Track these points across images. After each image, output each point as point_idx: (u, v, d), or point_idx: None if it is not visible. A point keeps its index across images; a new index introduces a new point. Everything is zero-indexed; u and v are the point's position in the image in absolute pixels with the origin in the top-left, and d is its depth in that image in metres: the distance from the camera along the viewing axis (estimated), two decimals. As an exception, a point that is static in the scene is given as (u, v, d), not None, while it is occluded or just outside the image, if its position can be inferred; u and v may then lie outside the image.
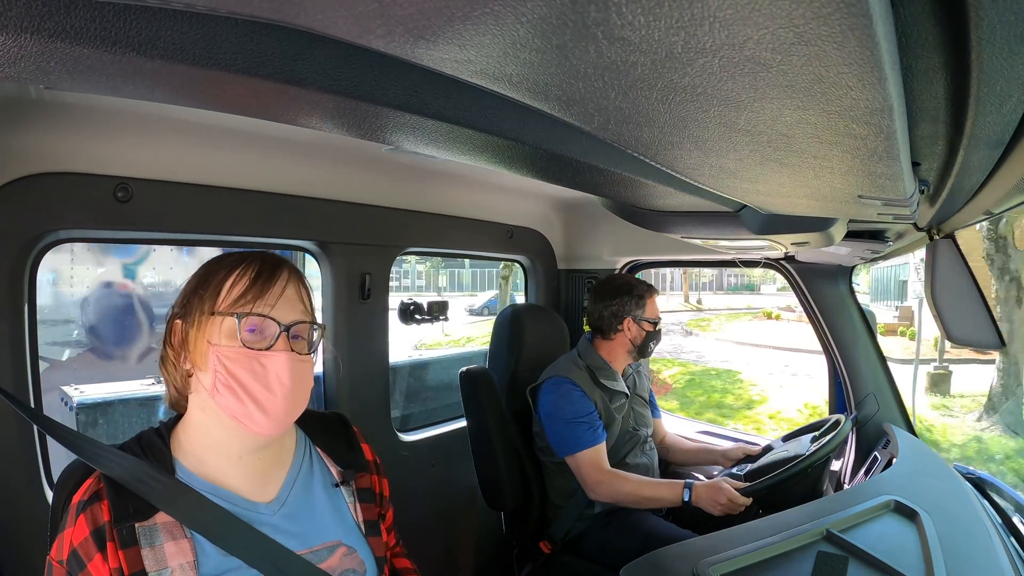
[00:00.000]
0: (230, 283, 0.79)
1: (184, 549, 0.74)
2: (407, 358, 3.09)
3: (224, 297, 0.78)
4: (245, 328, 0.77)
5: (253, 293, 0.78)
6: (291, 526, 0.83)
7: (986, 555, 1.02)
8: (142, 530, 0.73)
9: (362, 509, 0.91)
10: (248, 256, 0.82)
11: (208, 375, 0.78)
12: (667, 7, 0.26)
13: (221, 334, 0.78)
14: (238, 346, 0.77)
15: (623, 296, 1.89)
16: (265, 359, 0.78)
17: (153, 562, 0.72)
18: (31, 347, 1.13)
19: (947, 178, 0.69)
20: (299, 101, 0.43)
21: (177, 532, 0.75)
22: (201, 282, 0.80)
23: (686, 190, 0.77)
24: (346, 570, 0.85)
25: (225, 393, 0.77)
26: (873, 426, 1.83)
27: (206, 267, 0.82)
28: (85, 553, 0.71)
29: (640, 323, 1.87)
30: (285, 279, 0.81)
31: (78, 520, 0.73)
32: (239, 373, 0.77)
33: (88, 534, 0.72)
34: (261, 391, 0.77)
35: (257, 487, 0.84)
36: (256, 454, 0.83)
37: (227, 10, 0.32)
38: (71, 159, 1.13)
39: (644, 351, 1.90)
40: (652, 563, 0.96)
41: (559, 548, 1.80)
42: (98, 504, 0.73)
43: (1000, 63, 0.35)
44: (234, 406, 0.77)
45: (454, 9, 0.28)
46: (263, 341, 0.78)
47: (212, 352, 0.77)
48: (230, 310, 0.78)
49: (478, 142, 0.54)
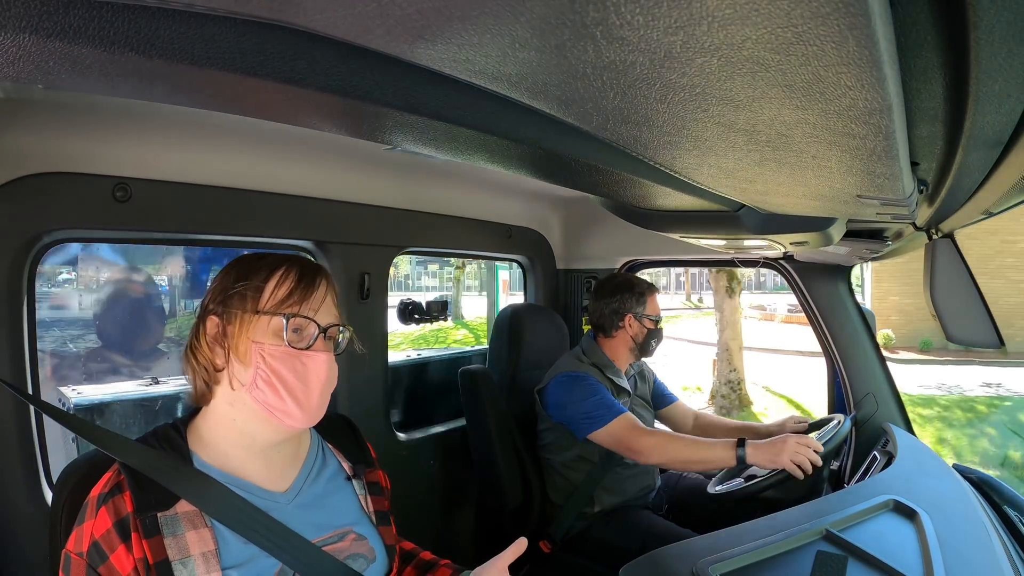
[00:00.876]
0: (273, 284, 0.83)
1: (205, 538, 0.76)
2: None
3: (269, 297, 0.82)
4: (291, 328, 0.81)
5: (298, 295, 0.83)
6: (305, 515, 0.86)
7: (985, 554, 1.02)
8: (164, 519, 0.75)
9: (372, 501, 0.95)
10: (286, 259, 0.87)
11: (248, 370, 0.81)
12: (666, 7, 0.26)
13: (267, 332, 0.82)
14: (283, 345, 0.81)
15: (624, 293, 1.88)
16: (307, 358, 0.82)
17: (176, 551, 0.74)
18: (30, 347, 1.13)
19: (946, 178, 0.69)
20: (298, 101, 0.43)
21: (198, 521, 0.77)
22: (239, 280, 0.84)
23: (685, 190, 0.77)
24: (355, 554, 0.88)
25: (265, 388, 0.81)
26: (872, 426, 1.83)
27: (241, 265, 0.86)
28: (108, 545, 0.73)
29: (641, 320, 1.86)
30: (325, 284, 0.87)
31: (99, 512, 0.74)
32: (281, 370, 0.81)
33: (111, 525, 0.73)
34: (300, 387, 0.82)
35: (274, 478, 0.87)
36: (277, 448, 0.87)
37: (226, 10, 0.32)
38: (70, 159, 1.12)
39: (646, 349, 1.89)
40: (652, 562, 0.96)
41: (559, 547, 1.80)
42: (120, 496, 0.75)
43: (999, 63, 0.35)
44: (272, 401, 0.81)
45: (453, 9, 0.28)
46: (303, 341, 0.83)
47: (255, 349, 0.81)
48: (277, 310, 0.82)
49: (477, 141, 0.54)
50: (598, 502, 1.80)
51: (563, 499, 1.82)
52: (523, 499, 1.87)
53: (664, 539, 1.18)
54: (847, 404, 1.89)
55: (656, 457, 1.61)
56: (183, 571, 0.73)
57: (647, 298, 1.88)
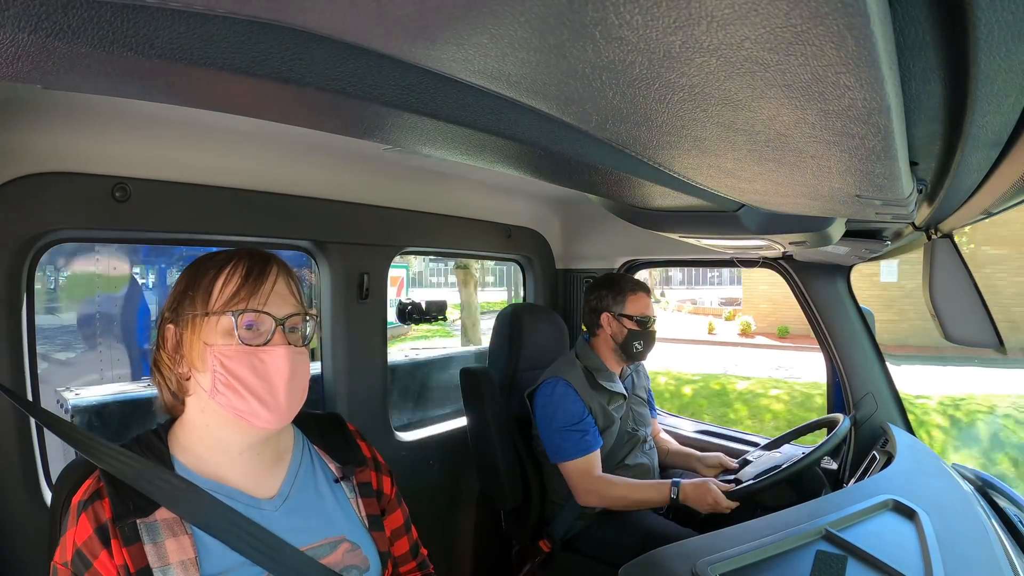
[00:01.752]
0: (221, 282, 0.79)
1: (184, 546, 0.74)
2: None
3: (217, 297, 0.79)
4: (242, 325, 0.77)
5: (246, 290, 0.79)
6: (294, 522, 0.83)
7: (984, 554, 1.02)
8: (144, 526, 0.73)
9: (364, 504, 0.92)
10: (235, 254, 0.83)
11: (207, 376, 0.78)
12: (664, 7, 0.26)
13: (217, 334, 0.78)
14: (236, 344, 0.77)
15: (602, 291, 1.86)
16: (264, 354, 0.78)
17: (156, 558, 0.72)
18: (29, 347, 1.13)
19: (945, 178, 0.69)
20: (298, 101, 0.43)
21: (178, 528, 0.75)
22: (190, 284, 0.80)
23: (684, 190, 0.77)
24: (349, 566, 0.85)
25: (226, 392, 0.77)
26: (871, 425, 1.83)
27: (192, 268, 0.82)
28: (90, 551, 0.71)
29: (619, 319, 1.82)
30: (275, 274, 0.82)
31: (80, 520, 0.73)
32: (239, 371, 0.77)
33: (92, 532, 0.72)
34: (262, 386, 0.78)
35: (258, 484, 0.84)
36: (256, 450, 0.84)
37: (225, 10, 0.32)
38: (69, 159, 1.12)
39: (627, 349, 1.82)
40: (651, 562, 0.96)
41: (559, 547, 1.80)
42: (99, 502, 0.74)
43: (998, 63, 0.35)
44: (237, 403, 0.78)
45: (452, 9, 0.28)
46: (260, 337, 0.79)
47: (209, 353, 0.77)
48: (225, 309, 0.78)
49: (476, 141, 0.54)
50: (598, 501, 1.80)
51: (563, 498, 1.82)
52: (523, 499, 1.87)
53: (664, 538, 1.18)
54: (846, 404, 1.89)
55: (596, 502, 1.71)
56: None
57: (627, 296, 1.83)
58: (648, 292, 1.90)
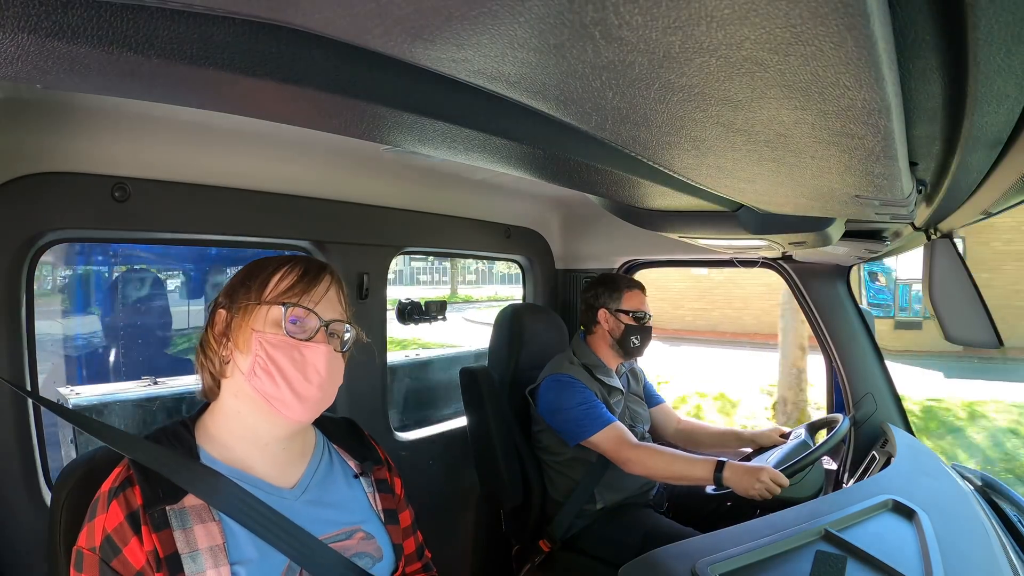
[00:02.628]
0: (278, 277, 0.85)
1: (213, 532, 0.76)
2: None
3: (272, 289, 0.84)
4: (289, 318, 0.82)
5: (300, 288, 0.84)
6: (313, 511, 0.86)
7: (984, 554, 1.02)
8: (173, 513, 0.76)
9: (381, 498, 0.96)
10: (294, 258, 0.89)
11: (248, 358, 0.82)
12: (664, 7, 0.26)
13: (266, 322, 0.83)
14: (281, 334, 0.82)
15: (598, 288, 1.89)
16: (305, 349, 0.83)
17: (185, 544, 0.74)
18: (29, 347, 1.13)
19: (945, 178, 0.69)
20: (297, 101, 0.43)
21: (206, 515, 0.77)
22: (248, 276, 0.86)
23: (684, 190, 0.77)
24: (361, 552, 0.88)
25: (262, 376, 0.81)
26: (871, 426, 1.83)
27: (252, 265, 0.89)
28: (120, 538, 0.73)
29: (616, 315, 1.84)
30: (329, 281, 0.88)
31: (111, 506, 0.75)
32: (279, 358, 0.81)
33: (123, 519, 0.74)
34: (298, 378, 0.82)
35: (281, 474, 0.87)
36: (282, 443, 0.87)
37: (225, 10, 0.32)
38: (68, 159, 1.12)
39: (625, 345, 1.84)
40: (651, 562, 0.96)
41: (559, 546, 1.80)
42: (131, 489, 0.76)
43: (998, 63, 0.35)
44: (270, 389, 0.81)
45: (452, 9, 0.28)
46: (304, 333, 0.83)
47: (255, 337, 0.82)
48: (277, 300, 0.83)
49: (476, 141, 0.54)
50: (599, 499, 1.79)
51: (564, 496, 1.82)
52: (523, 498, 1.87)
53: (665, 537, 1.18)
54: (846, 404, 1.89)
55: (639, 469, 1.65)
56: (192, 565, 0.73)
57: (623, 293, 1.86)
58: (643, 289, 1.91)
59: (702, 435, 2.03)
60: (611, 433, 1.68)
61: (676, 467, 1.61)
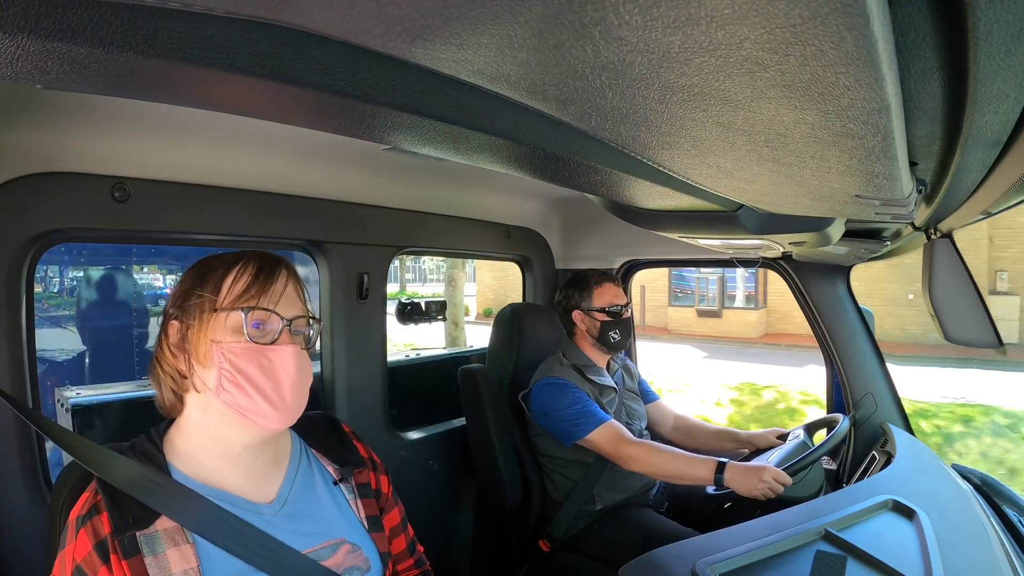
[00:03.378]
0: (231, 280, 0.79)
1: (187, 555, 0.73)
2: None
3: (226, 293, 0.78)
4: (251, 323, 0.77)
5: (256, 288, 0.79)
6: (294, 525, 0.82)
7: (984, 553, 1.02)
8: (143, 539, 0.72)
9: (363, 505, 0.91)
10: (244, 254, 0.83)
11: (212, 372, 0.77)
12: (664, 7, 0.26)
13: (225, 330, 0.78)
14: (244, 341, 0.77)
15: (568, 289, 1.88)
16: (271, 353, 0.78)
17: (157, 570, 0.71)
18: (28, 347, 1.13)
19: (944, 178, 0.69)
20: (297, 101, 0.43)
21: (179, 538, 0.73)
22: (197, 281, 0.80)
23: (684, 190, 0.77)
24: (350, 567, 0.85)
25: (232, 389, 0.77)
26: (871, 426, 1.83)
27: (199, 266, 0.82)
28: (90, 568, 0.70)
29: (590, 314, 1.83)
30: (286, 276, 0.83)
31: (79, 535, 0.71)
32: (246, 368, 0.77)
33: (91, 548, 0.71)
34: (269, 384, 0.78)
35: (257, 488, 0.83)
36: (254, 452, 0.83)
37: (224, 10, 0.32)
38: (68, 159, 1.12)
39: (604, 341, 1.83)
40: (651, 562, 0.96)
41: (559, 546, 1.80)
42: (98, 517, 0.72)
43: (998, 63, 0.35)
44: (242, 401, 0.77)
45: (451, 9, 0.28)
46: (267, 336, 0.79)
47: (216, 349, 0.77)
48: (235, 305, 0.77)
49: (475, 141, 0.54)
50: (599, 499, 1.79)
51: (563, 497, 1.82)
52: (523, 498, 1.87)
53: (665, 537, 1.18)
54: (846, 404, 1.89)
55: (639, 466, 1.63)
56: None
57: (593, 291, 1.84)
58: (614, 281, 1.88)
59: (700, 433, 2.02)
60: (607, 431, 1.67)
61: (676, 465, 1.60)
